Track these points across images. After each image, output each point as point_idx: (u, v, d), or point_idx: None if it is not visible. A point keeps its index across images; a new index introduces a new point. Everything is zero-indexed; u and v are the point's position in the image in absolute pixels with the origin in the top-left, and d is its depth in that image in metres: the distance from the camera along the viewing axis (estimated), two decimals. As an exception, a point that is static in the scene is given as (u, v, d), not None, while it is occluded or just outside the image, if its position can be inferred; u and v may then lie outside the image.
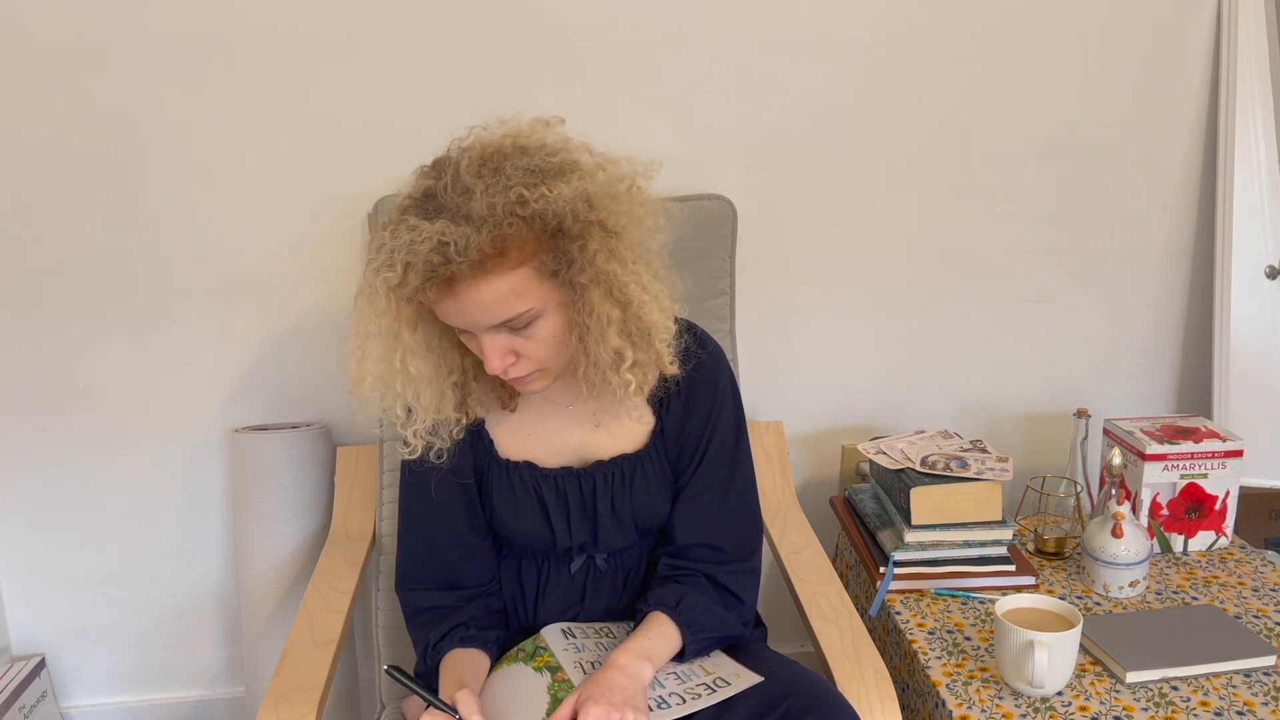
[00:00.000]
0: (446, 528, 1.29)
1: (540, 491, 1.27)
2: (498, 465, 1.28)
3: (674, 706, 1.13)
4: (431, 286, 1.04)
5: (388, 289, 1.06)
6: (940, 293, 1.89)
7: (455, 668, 1.21)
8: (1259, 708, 1.30)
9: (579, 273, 1.09)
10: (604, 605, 1.31)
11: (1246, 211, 1.86)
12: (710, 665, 1.22)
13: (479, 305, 1.06)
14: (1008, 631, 1.30)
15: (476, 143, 1.09)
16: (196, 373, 1.77)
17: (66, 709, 1.91)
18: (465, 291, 1.05)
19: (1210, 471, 1.66)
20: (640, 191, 1.14)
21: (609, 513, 1.27)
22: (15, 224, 1.67)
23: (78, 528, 1.82)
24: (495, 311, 1.07)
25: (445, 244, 1.02)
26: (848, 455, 1.88)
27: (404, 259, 1.03)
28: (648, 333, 1.14)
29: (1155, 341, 1.98)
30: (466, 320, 1.09)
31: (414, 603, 1.31)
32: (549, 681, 1.16)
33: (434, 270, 1.03)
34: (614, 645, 1.23)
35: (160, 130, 1.65)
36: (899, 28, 1.74)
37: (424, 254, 1.02)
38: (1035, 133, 1.83)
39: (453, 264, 1.02)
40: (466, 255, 1.02)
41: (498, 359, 1.10)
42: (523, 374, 1.14)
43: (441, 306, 1.08)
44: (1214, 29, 1.82)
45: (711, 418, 1.28)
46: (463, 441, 1.26)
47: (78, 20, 1.59)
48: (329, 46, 1.64)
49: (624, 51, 1.69)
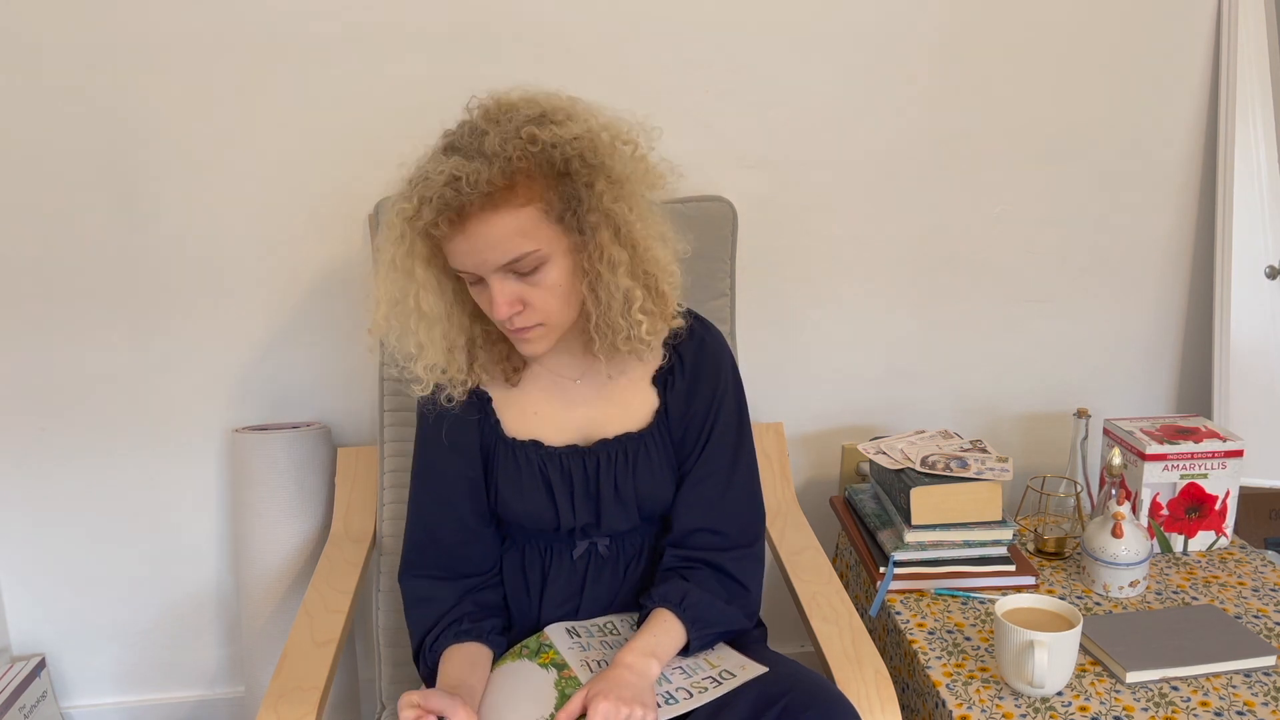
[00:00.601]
0: (449, 513, 1.30)
1: (545, 470, 1.28)
2: (504, 444, 1.29)
3: (681, 701, 1.13)
4: (444, 219, 1.09)
5: (403, 220, 1.12)
6: (940, 293, 1.89)
7: (452, 666, 1.22)
8: (1259, 708, 1.30)
9: (587, 213, 1.13)
10: (606, 592, 1.31)
11: (1246, 211, 1.86)
12: (715, 659, 1.23)
13: (487, 242, 1.10)
14: (1008, 632, 1.30)
15: (490, 98, 1.17)
16: (196, 373, 1.77)
17: (66, 709, 1.91)
18: (475, 227, 1.09)
19: (1210, 471, 1.66)
20: (643, 151, 1.19)
21: (612, 492, 1.28)
22: (15, 224, 1.67)
23: (78, 528, 1.82)
24: (503, 249, 1.10)
25: (457, 178, 1.07)
26: (848, 455, 1.88)
27: (419, 193, 1.09)
28: (656, 277, 1.18)
29: (1155, 341, 1.98)
30: (476, 260, 1.11)
31: (412, 591, 1.32)
32: (555, 677, 1.17)
33: (446, 204, 1.08)
34: (618, 643, 1.24)
35: (160, 131, 1.66)
36: (899, 28, 1.74)
37: (437, 187, 1.08)
38: (1035, 133, 1.83)
39: (463, 196, 1.07)
40: (476, 188, 1.07)
41: (505, 305, 1.13)
42: (528, 325, 1.16)
43: (453, 246, 1.12)
44: (1214, 29, 1.82)
45: (715, 399, 1.30)
46: (469, 422, 1.28)
47: (78, 21, 1.59)
48: (329, 47, 1.64)
49: (624, 51, 1.69)
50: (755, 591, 1.31)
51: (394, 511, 1.61)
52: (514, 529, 1.32)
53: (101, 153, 1.66)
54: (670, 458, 1.30)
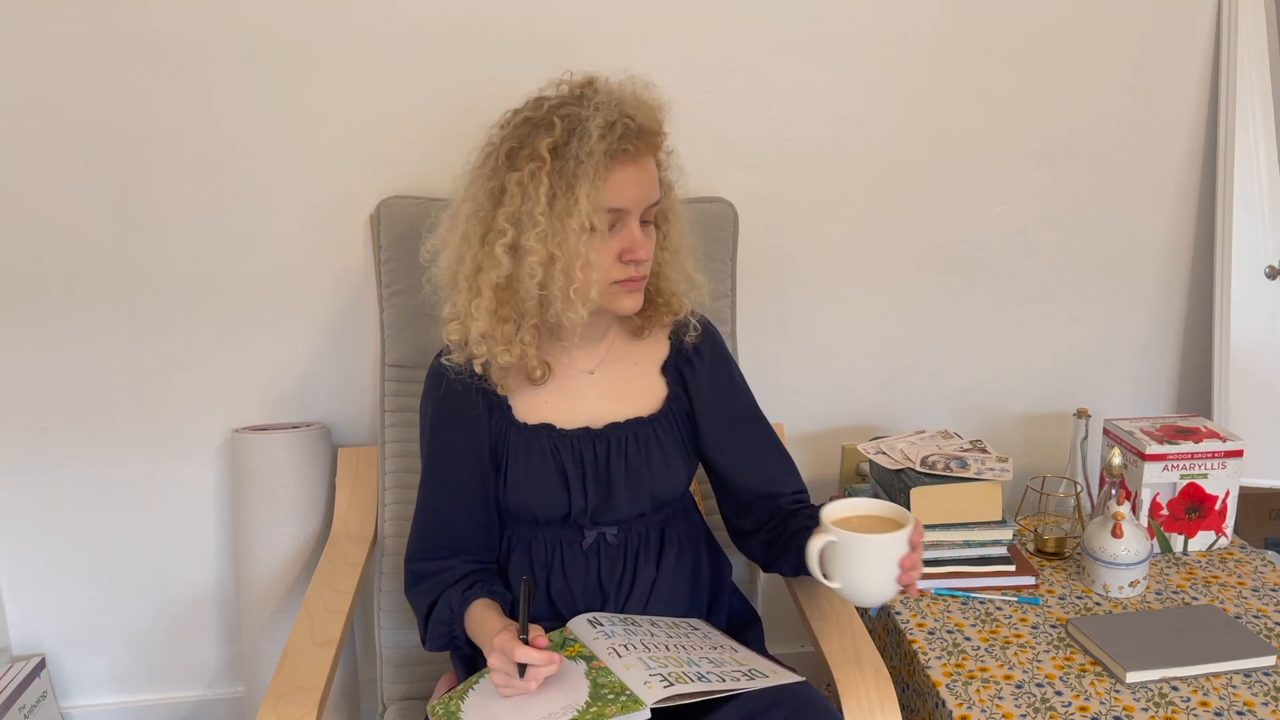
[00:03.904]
0: (458, 495, 1.31)
1: (558, 453, 1.29)
2: (515, 429, 1.30)
3: (713, 682, 1.13)
4: (629, 143, 1.15)
5: (597, 136, 1.14)
6: (940, 293, 1.89)
7: (491, 614, 1.24)
8: (1259, 708, 1.30)
9: (665, 181, 1.26)
10: (615, 585, 1.31)
11: (1246, 211, 1.86)
12: (743, 658, 1.22)
13: (650, 178, 1.20)
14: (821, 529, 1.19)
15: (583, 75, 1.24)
16: (196, 373, 1.77)
17: (66, 709, 1.91)
18: (646, 160, 1.19)
19: (1210, 471, 1.66)
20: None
21: (623, 474, 1.29)
22: (15, 224, 1.67)
23: (78, 528, 1.82)
24: (654, 189, 1.22)
25: (631, 115, 1.16)
26: (848, 455, 1.88)
27: (604, 116, 1.15)
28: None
29: (1155, 341, 1.98)
30: (639, 193, 1.19)
31: (420, 570, 1.33)
32: (585, 668, 1.17)
33: (629, 130, 1.15)
34: (640, 630, 1.24)
35: (161, 131, 1.65)
36: (899, 28, 1.74)
37: (618, 114, 1.15)
38: (1035, 133, 1.83)
39: (645, 127, 1.17)
40: (652, 126, 1.19)
41: (644, 245, 1.21)
42: (646, 273, 1.24)
43: (624, 175, 1.17)
44: (1214, 29, 1.82)
45: (731, 371, 1.40)
46: (480, 410, 1.30)
47: (78, 21, 1.59)
48: (330, 47, 1.64)
49: (624, 51, 1.69)
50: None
51: (395, 512, 1.61)
52: (522, 524, 1.33)
53: (102, 153, 1.66)
54: (681, 444, 1.34)
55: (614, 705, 1.09)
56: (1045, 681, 1.37)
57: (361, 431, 1.83)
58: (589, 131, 1.14)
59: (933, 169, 1.82)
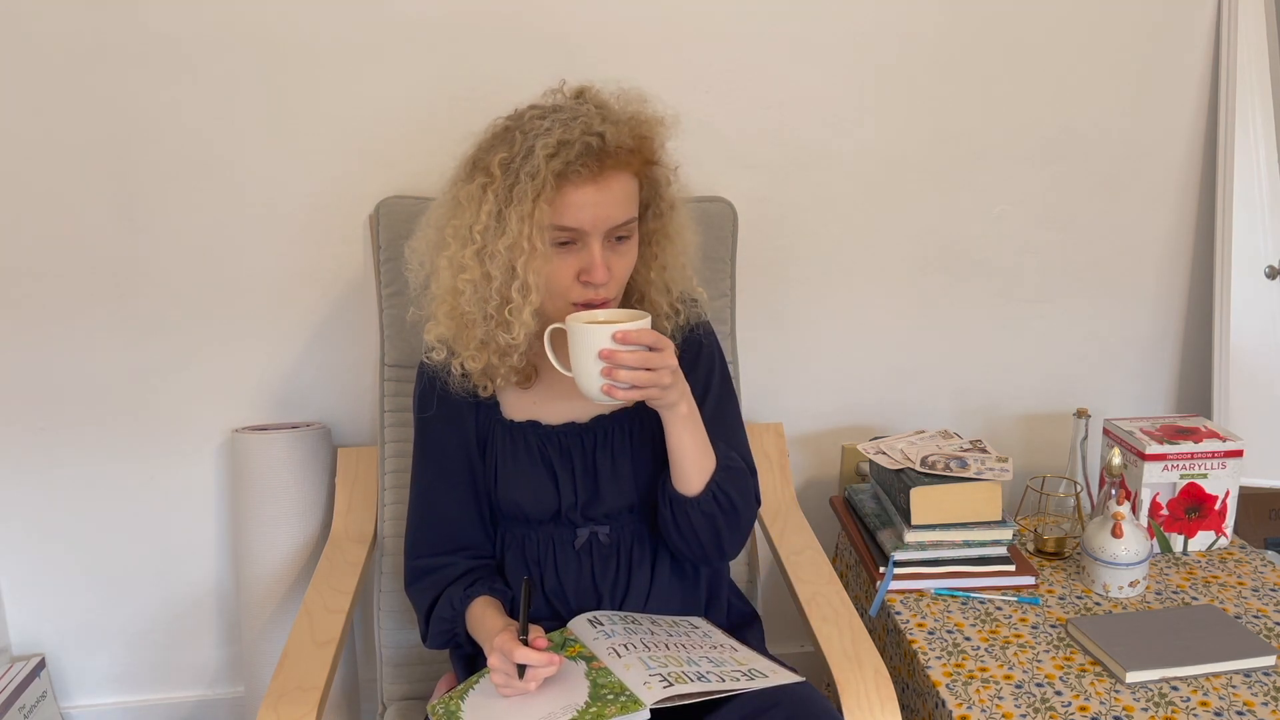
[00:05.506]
0: (451, 489, 1.32)
1: (544, 449, 1.30)
2: (501, 426, 1.31)
3: (713, 682, 1.13)
4: (585, 162, 1.12)
5: (543, 158, 1.12)
6: (940, 293, 1.89)
7: (492, 612, 1.24)
8: (1259, 708, 1.30)
9: (662, 199, 1.24)
10: (610, 585, 1.31)
11: (1246, 211, 1.86)
12: (743, 658, 1.23)
13: (612, 199, 1.16)
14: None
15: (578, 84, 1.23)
16: (196, 373, 1.77)
17: (66, 709, 1.91)
18: (607, 180, 1.15)
19: (1210, 471, 1.66)
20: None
21: (609, 467, 1.29)
22: (15, 224, 1.67)
23: (77, 528, 1.82)
24: (620, 210, 1.17)
25: (599, 132, 1.13)
26: (848, 455, 1.88)
27: (560, 135, 1.12)
28: (685, 268, 1.31)
29: (1155, 341, 1.98)
30: (597, 214, 1.15)
31: (419, 567, 1.33)
32: (585, 668, 1.17)
33: (589, 149, 1.12)
34: (641, 629, 1.24)
35: (161, 131, 1.65)
36: (899, 28, 1.74)
37: (578, 134, 1.12)
38: (1034, 133, 1.83)
39: (607, 146, 1.13)
40: (618, 143, 1.14)
41: (604, 268, 1.17)
42: (608, 296, 1.21)
43: (580, 196, 1.14)
44: (1214, 29, 1.82)
45: (711, 374, 1.36)
46: (467, 406, 1.30)
47: (77, 21, 1.59)
48: (330, 47, 1.64)
49: (623, 51, 1.69)
50: (754, 507, 1.33)
51: (394, 512, 1.61)
52: (514, 523, 1.33)
53: (102, 153, 1.66)
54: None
55: (614, 705, 1.09)
56: (1045, 681, 1.37)
57: (361, 431, 1.83)
58: (536, 150, 1.12)
59: (933, 169, 1.82)
